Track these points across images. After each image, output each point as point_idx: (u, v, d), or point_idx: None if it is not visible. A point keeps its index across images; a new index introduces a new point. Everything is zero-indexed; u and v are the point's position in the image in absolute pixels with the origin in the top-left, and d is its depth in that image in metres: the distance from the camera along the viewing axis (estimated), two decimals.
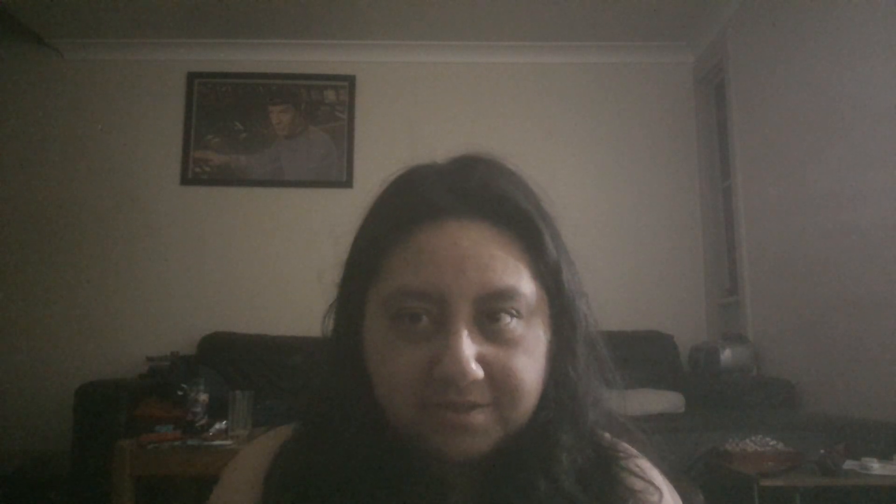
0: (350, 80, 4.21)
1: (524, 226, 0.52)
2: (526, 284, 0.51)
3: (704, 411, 3.00)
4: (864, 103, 2.64)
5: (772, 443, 2.17)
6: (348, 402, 0.54)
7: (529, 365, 0.51)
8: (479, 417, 0.49)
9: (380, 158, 4.09)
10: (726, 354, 3.32)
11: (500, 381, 0.50)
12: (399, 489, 0.50)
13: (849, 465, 2.00)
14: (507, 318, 0.50)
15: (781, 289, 3.25)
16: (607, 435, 0.58)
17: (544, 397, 0.53)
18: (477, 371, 0.48)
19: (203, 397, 2.38)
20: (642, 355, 3.53)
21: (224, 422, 2.40)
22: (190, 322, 3.82)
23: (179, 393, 2.76)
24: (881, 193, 2.53)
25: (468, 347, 0.48)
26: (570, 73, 4.25)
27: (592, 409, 0.55)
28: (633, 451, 0.58)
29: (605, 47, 4.21)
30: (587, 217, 3.87)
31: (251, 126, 4.17)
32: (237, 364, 3.53)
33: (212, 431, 2.33)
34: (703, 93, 4.21)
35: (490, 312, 0.50)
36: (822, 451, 2.04)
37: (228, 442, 2.23)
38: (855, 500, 2.02)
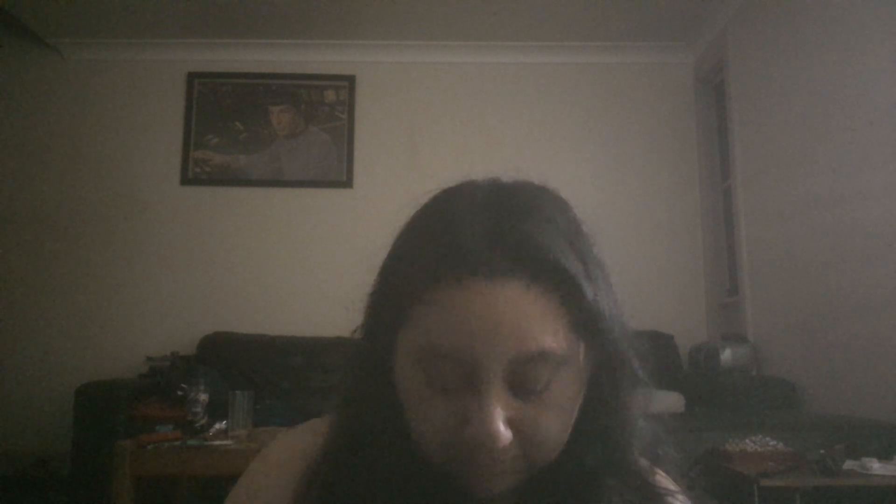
0: (350, 80, 4.21)
1: (563, 281, 0.49)
2: (563, 342, 0.49)
3: (704, 411, 3.00)
4: (864, 103, 2.64)
5: (772, 443, 2.17)
6: (381, 426, 0.53)
7: (559, 419, 0.50)
8: (507, 465, 0.49)
9: (380, 158, 4.09)
10: (726, 354, 3.32)
11: (528, 438, 0.49)
12: None
13: (849, 465, 2.00)
14: (541, 385, 0.49)
15: (781, 289, 3.25)
16: (643, 461, 0.56)
17: (580, 434, 0.52)
18: (506, 435, 0.47)
19: (203, 397, 2.38)
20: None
21: (224, 422, 2.40)
22: (190, 322, 3.82)
23: (179, 393, 2.76)
24: (881, 193, 2.53)
25: (499, 413, 0.47)
26: (570, 73, 4.25)
27: (633, 443, 0.55)
28: (672, 485, 0.57)
29: (605, 47, 4.21)
30: (587, 217, 3.85)
31: (251, 126, 4.17)
32: (237, 364, 3.53)
33: (212, 431, 2.33)
34: (703, 93, 4.21)
35: (524, 376, 0.49)
36: (822, 451, 2.04)
37: (228, 442, 2.23)
38: (855, 500, 2.02)
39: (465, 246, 0.49)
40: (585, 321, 0.50)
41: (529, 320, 0.48)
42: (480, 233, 0.50)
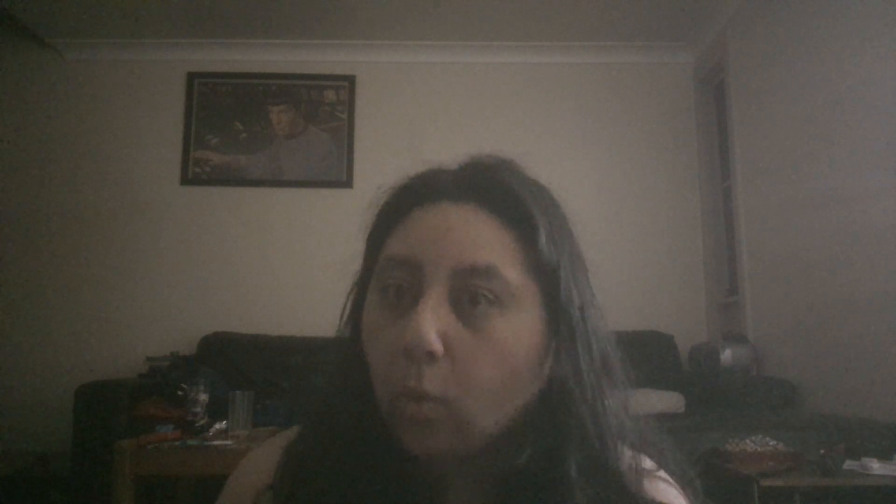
0: (350, 80, 4.21)
1: (521, 218, 0.51)
2: (511, 271, 0.49)
3: (704, 411, 3.00)
4: (865, 103, 2.64)
5: (772, 443, 2.17)
6: (349, 396, 0.53)
7: (498, 361, 0.48)
8: (431, 411, 0.47)
9: (380, 158, 4.09)
10: (726, 354, 3.32)
11: (459, 370, 0.47)
12: (398, 491, 0.50)
13: (849, 465, 2.00)
14: (483, 303, 0.48)
15: (781, 289, 3.25)
16: (629, 452, 0.53)
17: (539, 416, 0.50)
18: (435, 344, 0.46)
19: (203, 397, 2.38)
20: (642, 355, 3.53)
21: (224, 422, 2.40)
22: (190, 322, 3.82)
23: (179, 393, 2.76)
24: (881, 193, 2.53)
25: (431, 317, 0.46)
26: (570, 73, 4.25)
27: (607, 426, 0.51)
28: (651, 467, 0.55)
29: (605, 47, 4.21)
30: (587, 217, 3.83)
31: (251, 126, 4.17)
32: (237, 364, 3.53)
33: (212, 431, 2.33)
34: (703, 93, 4.21)
35: (468, 291, 0.48)
36: (822, 451, 2.04)
37: (228, 442, 2.23)
38: (855, 500, 2.02)
39: (433, 181, 0.55)
40: (541, 271, 0.51)
41: (480, 236, 0.50)
42: (450, 174, 0.56)
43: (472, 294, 0.48)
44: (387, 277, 0.50)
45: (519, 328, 0.49)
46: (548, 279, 0.51)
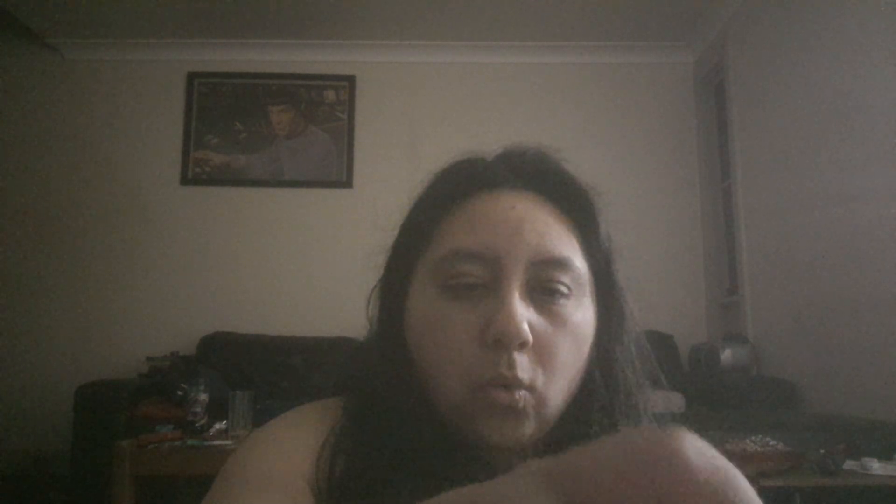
0: (350, 80, 4.21)
1: (579, 204, 0.53)
2: (578, 260, 0.51)
3: (704, 411, 3.00)
4: (865, 103, 2.64)
5: (772, 443, 2.17)
6: (392, 385, 0.52)
7: (574, 348, 0.50)
8: (522, 399, 0.47)
9: (380, 158, 4.09)
10: (726, 354, 3.32)
11: (543, 359, 0.48)
12: (447, 477, 0.48)
13: (849, 465, 2.00)
14: (559, 294, 0.49)
15: (781, 289, 3.25)
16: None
17: (590, 387, 0.52)
18: (529, 334, 0.47)
19: (203, 397, 2.38)
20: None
21: (224, 422, 2.40)
22: (190, 322, 3.82)
23: (179, 393, 2.76)
24: (881, 193, 2.53)
25: (522, 308, 0.47)
26: (570, 73, 4.25)
27: (644, 407, 0.55)
28: None
29: (605, 47, 4.21)
30: None
31: (251, 126, 4.17)
32: (237, 364, 3.53)
33: (212, 431, 2.33)
34: (703, 93, 4.21)
35: (543, 282, 0.49)
36: (822, 451, 2.04)
37: (228, 442, 2.23)
38: (855, 500, 2.02)
39: (488, 168, 0.54)
40: (598, 257, 0.53)
41: (550, 228, 0.50)
42: (501, 161, 0.56)
43: (547, 284, 0.49)
44: (455, 270, 0.49)
45: (586, 313, 0.51)
46: (599, 264, 0.53)
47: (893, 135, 2.47)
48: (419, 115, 4.17)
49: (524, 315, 0.47)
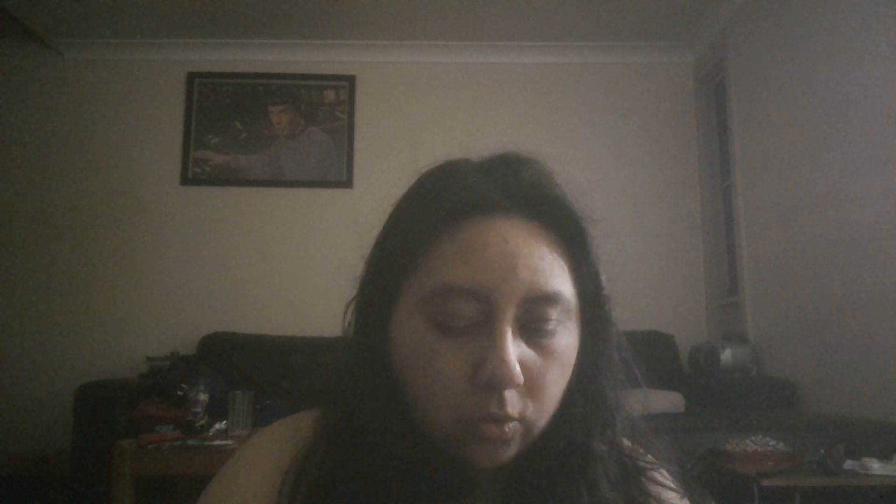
0: (350, 80, 4.21)
1: (571, 229, 0.52)
2: (568, 288, 0.50)
3: (704, 411, 3.00)
4: (864, 104, 2.64)
5: (772, 443, 2.17)
6: (374, 403, 0.51)
7: (560, 377, 0.50)
8: (511, 430, 0.48)
9: (380, 158, 4.09)
10: (726, 354, 3.32)
11: (533, 392, 0.49)
12: (427, 491, 0.49)
13: (849, 465, 2.00)
14: (550, 327, 0.49)
15: (781, 289, 3.25)
16: (626, 441, 0.57)
17: (572, 403, 0.52)
18: (521, 377, 0.47)
19: (203, 397, 2.38)
20: (642, 355, 3.52)
21: (224, 422, 2.40)
22: (190, 322, 3.82)
23: (179, 393, 2.76)
24: (881, 193, 2.53)
25: (514, 350, 0.47)
26: (570, 73, 4.25)
27: (619, 416, 0.55)
28: (653, 460, 0.58)
29: (605, 47, 4.22)
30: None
31: (251, 126, 4.17)
32: (237, 364, 3.53)
33: (212, 431, 2.33)
34: (703, 93, 4.21)
35: (534, 318, 0.49)
36: (822, 451, 2.04)
37: (228, 442, 2.23)
38: (855, 500, 2.02)
39: (478, 188, 0.51)
40: (587, 278, 0.52)
41: (543, 261, 0.49)
42: (493, 179, 0.52)
43: (538, 322, 0.49)
44: (448, 309, 0.48)
45: (571, 337, 0.51)
46: (592, 284, 0.53)
47: (893, 135, 2.47)
48: (419, 115, 4.17)
49: (516, 355, 0.47)
